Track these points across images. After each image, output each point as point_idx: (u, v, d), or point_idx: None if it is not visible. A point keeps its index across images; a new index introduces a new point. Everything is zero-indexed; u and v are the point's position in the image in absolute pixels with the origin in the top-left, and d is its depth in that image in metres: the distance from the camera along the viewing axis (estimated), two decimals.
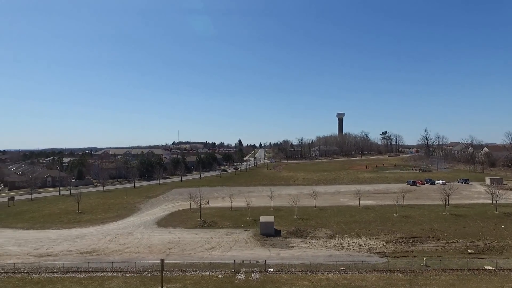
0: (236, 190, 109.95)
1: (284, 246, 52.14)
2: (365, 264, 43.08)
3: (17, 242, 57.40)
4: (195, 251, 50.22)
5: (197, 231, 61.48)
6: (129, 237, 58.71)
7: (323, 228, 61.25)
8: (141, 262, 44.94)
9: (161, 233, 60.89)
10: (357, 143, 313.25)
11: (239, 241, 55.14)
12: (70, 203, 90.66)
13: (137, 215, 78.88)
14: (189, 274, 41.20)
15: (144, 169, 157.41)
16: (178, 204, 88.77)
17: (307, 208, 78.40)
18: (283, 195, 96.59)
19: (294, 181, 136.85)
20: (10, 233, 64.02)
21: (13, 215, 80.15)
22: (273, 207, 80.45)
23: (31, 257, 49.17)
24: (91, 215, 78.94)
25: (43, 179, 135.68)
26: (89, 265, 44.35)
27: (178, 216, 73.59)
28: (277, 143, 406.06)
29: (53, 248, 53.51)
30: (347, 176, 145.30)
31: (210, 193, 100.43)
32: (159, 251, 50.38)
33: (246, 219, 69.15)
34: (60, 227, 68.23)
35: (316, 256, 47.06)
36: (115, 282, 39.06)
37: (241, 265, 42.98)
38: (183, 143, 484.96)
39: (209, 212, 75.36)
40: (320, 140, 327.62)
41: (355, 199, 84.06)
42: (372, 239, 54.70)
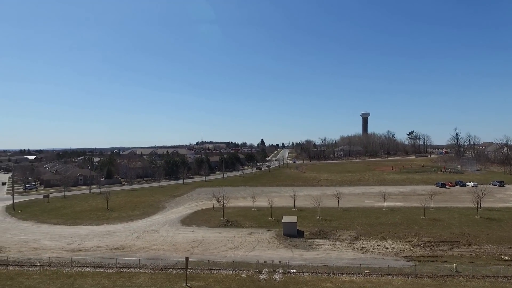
0: (259, 190, 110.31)
1: (307, 247, 51.73)
2: (391, 268, 41.92)
3: (52, 237, 60.60)
4: (218, 250, 50.88)
5: (220, 230, 62.24)
6: (155, 234, 60.39)
7: (347, 230, 60.18)
8: (166, 260, 46.10)
9: (186, 231, 62.17)
10: (383, 143, 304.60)
11: (262, 241, 55.29)
12: (100, 201, 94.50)
13: (162, 213, 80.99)
14: (213, 272, 41.82)
15: (169, 168, 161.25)
16: (201, 203, 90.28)
17: (330, 209, 77.33)
18: (306, 196, 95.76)
19: (317, 181, 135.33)
20: (45, 228, 67.74)
21: (48, 211, 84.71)
22: (295, 207, 79.99)
23: (64, 251, 51.73)
24: (119, 212, 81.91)
25: (75, 178, 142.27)
26: (117, 261, 46.06)
27: (202, 215, 74.82)
28: (300, 143, 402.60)
29: (84, 243, 56.01)
30: (372, 177, 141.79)
31: (233, 193, 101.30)
32: (183, 249, 51.46)
33: (268, 219, 69.21)
34: (90, 224, 71.31)
35: (339, 258, 46.36)
36: (141, 278, 40.32)
37: (264, 265, 43.11)
38: (206, 143, 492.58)
39: (232, 212, 76.09)
40: (344, 140, 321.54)
41: (380, 201, 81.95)
42: (398, 242, 53.13)
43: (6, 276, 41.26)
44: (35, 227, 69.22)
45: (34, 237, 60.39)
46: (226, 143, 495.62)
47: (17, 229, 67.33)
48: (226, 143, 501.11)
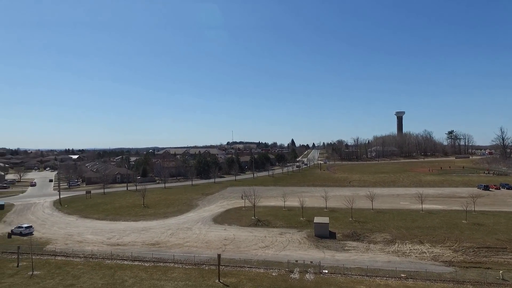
0: (289, 190, 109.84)
1: (339, 249, 50.83)
2: (429, 273, 40.10)
3: (93, 231, 64.39)
4: (249, 249, 51.40)
5: (251, 229, 62.79)
6: (188, 232, 62.19)
7: (382, 233, 58.31)
8: (199, 256, 47.34)
9: (217, 229, 63.41)
10: (419, 144, 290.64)
11: (293, 241, 55.09)
12: (136, 198, 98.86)
13: (195, 211, 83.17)
14: (244, 270, 42.36)
15: (201, 168, 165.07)
16: (232, 201, 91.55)
17: (363, 210, 75.32)
18: (338, 196, 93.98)
19: (349, 182, 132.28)
20: (88, 223, 72.10)
21: (90, 206, 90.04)
22: (327, 208, 78.78)
23: (105, 245, 54.77)
24: (154, 209, 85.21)
25: (114, 176, 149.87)
26: (153, 255, 48.04)
27: (233, 214, 75.88)
28: (331, 143, 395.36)
29: (123, 238, 58.94)
30: (408, 178, 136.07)
31: (263, 192, 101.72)
32: (215, 247, 52.54)
33: (299, 219, 68.77)
34: (128, 220, 74.85)
35: (373, 261, 45.10)
36: (176, 272, 41.75)
37: (295, 265, 42.97)
38: (237, 143, 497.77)
39: (262, 211, 76.45)
40: (377, 140, 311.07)
41: (417, 203, 78.51)
42: (437, 246, 50.64)
43: (55, 265, 44.52)
44: (79, 221, 73.90)
45: (78, 231, 64.53)
46: (256, 143, 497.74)
47: (63, 222, 72.29)
48: (256, 143, 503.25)
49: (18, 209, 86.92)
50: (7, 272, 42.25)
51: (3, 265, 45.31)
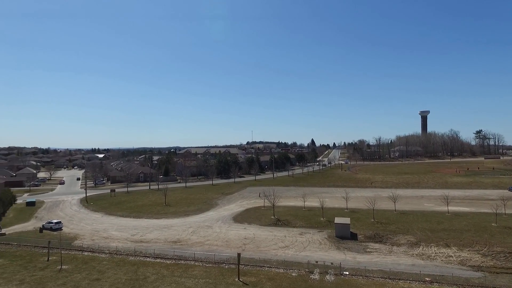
0: (309, 190, 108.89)
1: (361, 251, 49.86)
2: (456, 277, 38.61)
3: (118, 228, 66.49)
4: (269, 248, 51.39)
5: (271, 229, 62.73)
6: (208, 230, 62.97)
7: (405, 235, 56.66)
8: (219, 254, 47.82)
9: (237, 228, 63.81)
10: (445, 143, 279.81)
11: (313, 241, 54.58)
12: (158, 197, 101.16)
13: (215, 210, 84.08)
14: (264, 269, 42.40)
15: (221, 167, 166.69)
16: (252, 201, 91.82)
17: (386, 211, 73.51)
18: (359, 197, 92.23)
19: (371, 183, 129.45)
20: (113, 220, 74.55)
21: (114, 204, 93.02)
22: (348, 209, 77.46)
23: (129, 242, 56.41)
24: (175, 208, 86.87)
25: (137, 175, 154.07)
26: (174, 253, 48.98)
27: (253, 213, 76.11)
28: (352, 143, 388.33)
29: (146, 235, 60.48)
30: (433, 179, 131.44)
31: (283, 192, 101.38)
32: (235, 246, 52.89)
33: (319, 219, 68.03)
34: (151, 217, 76.72)
35: (396, 263, 43.92)
36: (196, 270, 42.37)
37: (315, 266, 42.56)
38: (256, 143, 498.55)
39: (282, 211, 76.21)
40: (400, 140, 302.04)
41: (443, 205, 75.74)
42: (464, 250, 48.64)
43: (82, 260, 46.35)
44: (104, 218, 76.53)
45: (103, 227, 66.84)
46: (276, 143, 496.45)
47: (90, 219, 75.10)
48: (276, 143, 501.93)
49: (48, 206, 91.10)
50: (38, 266, 44.39)
51: (35, 258, 47.66)
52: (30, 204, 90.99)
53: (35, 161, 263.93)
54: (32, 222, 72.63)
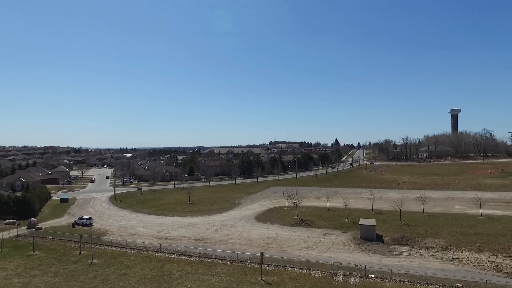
0: (333, 190, 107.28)
1: (387, 253, 48.48)
2: (490, 284, 36.61)
3: (144, 225, 68.56)
4: (292, 249, 51.10)
5: (294, 229, 62.36)
6: (231, 229, 63.54)
7: (434, 238, 54.48)
8: (242, 253, 48.10)
9: (260, 228, 63.94)
10: (477, 143, 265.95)
11: (337, 243, 53.70)
12: (183, 195, 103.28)
13: (238, 209, 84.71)
14: (286, 269, 42.20)
15: (244, 167, 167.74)
16: (275, 201, 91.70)
17: (413, 213, 71.04)
18: (385, 198, 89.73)
19: (397, 184, 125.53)
20: (140, 217, 76.97)
21: (141, 202, 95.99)
22: (373, 210, 75.56)
23: (155, 238, 58.01)
24: (199, 206, 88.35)
25: (163, 174, 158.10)
26: (198, 250, 49.81)
27: (276, 213, 75.97)
28: (378, 143, 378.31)
29: (171, 233, 61.94)
30: (464, 181, 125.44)
31: (306, 193, 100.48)
32: (258, 245, 53.02)
33: (344, 220, 66.83)
34: (175, 215, 78.50)
35: (425, 267, 42.30)
36: (220, 268, 42.87)
37: (339, 267, 41.85)
38: (279, 143, 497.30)
39: (305, 211, 75.55)
40: (429, 139, 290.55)
41: (475, 207, 72.14)
42: (499, 256, 46.05)
43: (111, 255, 48.20)
44: (131, 215, 79.16)
45: (131, 224, 69.16)
46: (299, 143, 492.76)
47: (118, 216, 77.95)
48: (299, 143, 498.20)
49: (80, 203, 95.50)
50: (71, 259, 46.64)
51: (68, 252, 50.13)
52: (64, 201, 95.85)
53: (68, 160, 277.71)
54: (65, 218, 76.42)
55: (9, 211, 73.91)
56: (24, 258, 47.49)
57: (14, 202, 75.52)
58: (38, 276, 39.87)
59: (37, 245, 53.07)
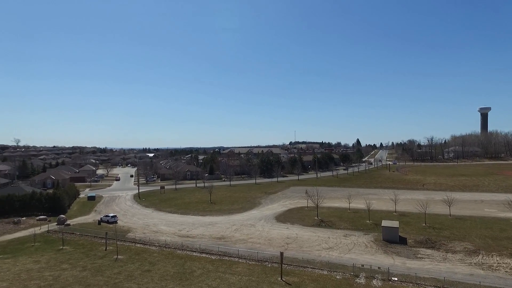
0: (354, 191, 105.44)
1: (411, 256, 47.14)
2: None
3: (167, 223, 70.10)
4: (312, 249, 50.70)
5: (314, 230, 61.83)
6: (251, 228, 63.81)
7: (462, 242, 52.44)
8: (262, 253, 48.23)
9: (280, 228, 63.84)
10: (509, 143, 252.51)
11: (358, 244, 52.78)
12: (204, 194, 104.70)
13: (258, 208, 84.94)
14: (307, 270, 41.92)
15: (264, 167, 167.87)
16: (295, 201, 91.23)
17: (439, 216, 68.66)
18: (409, 200, 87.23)
19: (422, 185, 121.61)
20: (162, 215, 78.76)
21: (163, 200, 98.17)
22: (396, 211, 73.65)
23: (176, 236, 59.20)
24: (220, 205, 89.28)
25: (184, 173, 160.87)
26: (219, 249, 50.39)
27: (296, 213, 75.59)
28: (401, 143, 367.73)
29: (192, 231, 63.00)
30: (494, 182, 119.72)
31: (327, 193, 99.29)
32: (278, 245, 52.98)
33: (365, 222, 65.56)
34: (196, 214, 79.74)
35: (451, 272, 40.80)
36: (240, 267, 43.18)
37: (361, 269, 41.12)
38: (299, 143, 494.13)
39: (326, 212, 74.72)
40: (456, 139, 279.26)
41: (507, 210, 68.77)
42: None
43: (134, 252, 49.67)
44: (154, 213, 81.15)
45: (153, 222, 70.91)
46: (319, 143, 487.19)
47: (142, 214, 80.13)
48: (319, 143, 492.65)
49: (105, 201, 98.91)
50: (98, 254, 48.46)
51: (94, 247, 52.11)
52: (91, 199, 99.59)
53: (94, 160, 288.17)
54: (92, 215, 79.40)
55: (41, 208, 77.61)
56: (55, 252, 49.80)
57: (46, 199, 79.22)
58: (68, 270, 41.69)
59: (66, 240, 55.52)
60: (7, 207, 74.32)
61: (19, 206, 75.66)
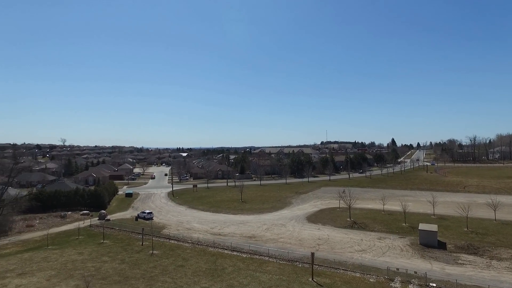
0: (389, 192, 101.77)
1: (451, 262, 44.72)
2: None
3: (199, 220, 71.95)
4: (344, 251, 49.71)
5: (346, 231, 60.53)
6: (282, 228, 63.74)
7: (509, 248, 48.86)
8: (293, 253, 48.04)
9: (311, 228, 63.19)
10: None
11: (393, 247, 50.93)
12: (235, 193, 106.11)
13: (289, 208, 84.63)
14: (339, 272, 41.19)
15: (294, 167, 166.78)
16: (326, 202, 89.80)
17: (483, 220, 64.44)
18: (448, 203, 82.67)
19: (463, 187, 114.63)
20: (195, 213, 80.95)
21: (196, 199, 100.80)
22: (435, 215, 70.11)
23: (208, 234, 60.57)
24: (250, 204, 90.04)
25: (216, 172, 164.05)
26: (249, 247, 50.89)
27: (327, 214, 74.42)
28: (440, 143, 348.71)
29: (223, 229, 64.14)
30: None
31: (360, 194, 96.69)
32: (309, 245, 52.49)
33: (401, 224, 63.09)
34: (228, 212, 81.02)
35: (497, 280, 38.17)
36: (270, 266, 43.32)
37: (396, 273, 39.68)
38: (331, 143, 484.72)
39: (359, 213, 72.84)
40: (502, 139, 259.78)
41: None
42: None
43: (169, 248, 51.54)
44: (187, 211, 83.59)
45: (187, 219, 73.07)
46: (352, 143, 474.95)
47: (176, 211, 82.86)
48: (352, 143, 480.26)
49: (142, 198, 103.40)
50: (135, 249, 50.84)
51: (132, 242, 54.73)
52: (128, 196, 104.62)
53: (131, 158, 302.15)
54: (130, 211, 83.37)
55: (84, 203, 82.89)
56: (96, 245, 52.95)
57: (88, 195, 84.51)
58: (108, 262, 44.17)
59: (106, 235, 58.82)
60: (54, 201, 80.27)
61: (64, 201, 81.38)
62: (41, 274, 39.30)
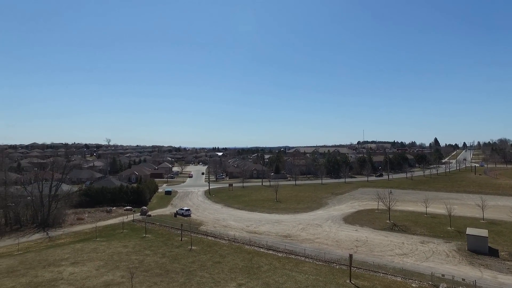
0: (432, 195, 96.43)
1: (504, 270, 41.43)
2: None
3: (235, 219, 73.13)
4: (384, 254, 47.97)
5: (386, 234, 58.32)
6: (318, 228, 62.90)
7: None
8: (329, 254, 47.24)
9: (348, 229, 61.71)
10: None
11: (438, 252, 48.24)
12: (270, 193, 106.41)
13: (324, 209, 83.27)
14: (378, 275, 39.84)
15: (330, 167, 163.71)
16: (364, 203, 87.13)
17: None
18: (500, 207, 76.58)
19: None
20: (231, 211, 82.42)
21: (232, 197, 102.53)
22: (484, 219, 65.32)
23: (244, 232, 61.37)
24: (285, 204, 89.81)
25: (251, 172, 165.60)
26: (285, 247, 50.80)
27: (365, 215, 72.21)
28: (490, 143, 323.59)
29: (259, 228, 64.64)
30: None
31: (400, 196, 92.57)
32: (346, 247, 51.30)
33: (446, 228, 59.54)
34: (263, 211, 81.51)
35: None
36: (307, 266, 42.93)
37: (441, 279, 37.57)
38: (368, 143, 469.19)
39: (399, 215, 69.84)
40: None
41: None
42: None
43: (207, 244, 52.99)
44: (223, 209, 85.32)
45: (223, 217, 74.62)
46: (391, 143, 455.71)
47: (212, 209, 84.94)
48: (391, 142, 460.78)
49: (180, 195, 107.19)
50: (174, 244, 52.89)
51: (171, 237, 57.00)
52: (168, 193, 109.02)
53: (170, 158, 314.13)
54: (169, 208, 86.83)
55: (127, 199, 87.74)
56: (139, 239, 55.84)
57: (131, 192, 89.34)
58: (150, 256, 46.41)
59: (148, 229, 61.80)
60: (101, 197, 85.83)
61: (110, 197, 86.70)
62: (91, 264, 42.25)
